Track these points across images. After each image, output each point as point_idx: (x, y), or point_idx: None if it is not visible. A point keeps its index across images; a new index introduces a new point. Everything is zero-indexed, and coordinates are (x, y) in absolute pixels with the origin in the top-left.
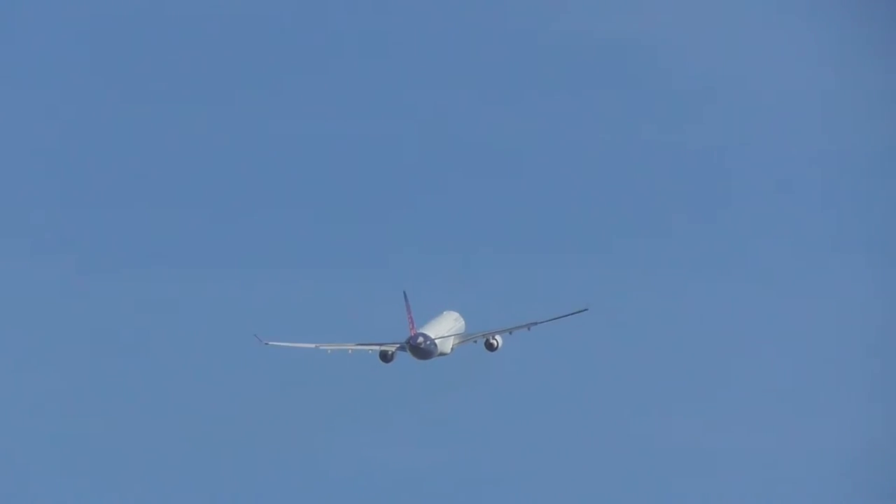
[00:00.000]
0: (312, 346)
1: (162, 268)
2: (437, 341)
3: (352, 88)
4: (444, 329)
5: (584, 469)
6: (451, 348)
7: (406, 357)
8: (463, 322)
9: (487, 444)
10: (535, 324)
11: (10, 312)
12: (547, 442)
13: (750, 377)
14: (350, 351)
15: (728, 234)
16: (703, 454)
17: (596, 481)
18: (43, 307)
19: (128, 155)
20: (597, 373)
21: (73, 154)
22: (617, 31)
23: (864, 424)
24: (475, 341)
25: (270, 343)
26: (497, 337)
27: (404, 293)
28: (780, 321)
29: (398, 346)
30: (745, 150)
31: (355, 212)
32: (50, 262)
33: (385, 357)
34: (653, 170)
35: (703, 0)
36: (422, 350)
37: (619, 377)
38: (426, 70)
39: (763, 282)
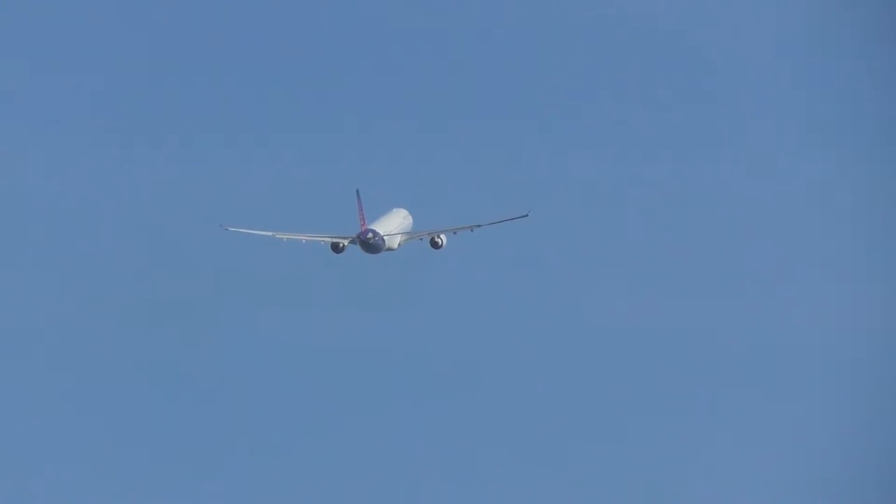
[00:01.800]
0: (269, 234)
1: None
2: (385, 237)
3: None
4: (393, 226)
5: (516, 359)
6: (399, 244)
7: (356, 250)
8: (411, 220)
9: (426, 331)
10: (479, 226)
11: None
12: (482, 328)
13: (700, 266)
14: (304, 241)
15: (690, 122)
16: (642, 342)
17: (528, 372)
18: None
19: (98, 28)
20: (535, 272)
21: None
22: None
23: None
24: (421, 239)
25: (230, 228)
26: (442, 236)
27: (356, 191)
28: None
29: (349, 239)
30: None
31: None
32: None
33: (336, 248)
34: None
35: None
36: (370, 245)
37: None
38: None
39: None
